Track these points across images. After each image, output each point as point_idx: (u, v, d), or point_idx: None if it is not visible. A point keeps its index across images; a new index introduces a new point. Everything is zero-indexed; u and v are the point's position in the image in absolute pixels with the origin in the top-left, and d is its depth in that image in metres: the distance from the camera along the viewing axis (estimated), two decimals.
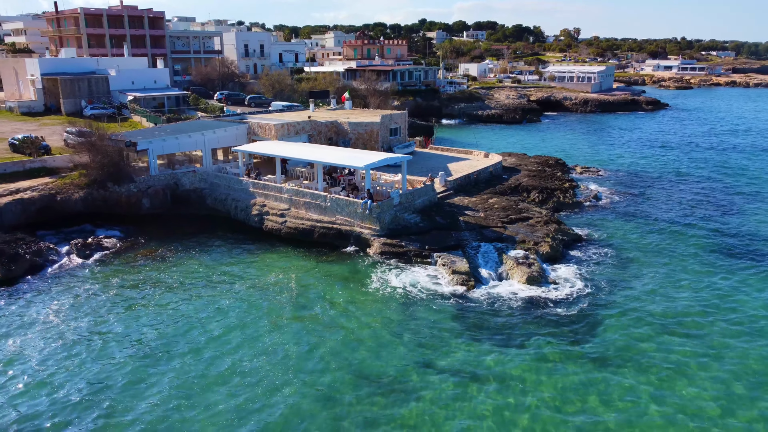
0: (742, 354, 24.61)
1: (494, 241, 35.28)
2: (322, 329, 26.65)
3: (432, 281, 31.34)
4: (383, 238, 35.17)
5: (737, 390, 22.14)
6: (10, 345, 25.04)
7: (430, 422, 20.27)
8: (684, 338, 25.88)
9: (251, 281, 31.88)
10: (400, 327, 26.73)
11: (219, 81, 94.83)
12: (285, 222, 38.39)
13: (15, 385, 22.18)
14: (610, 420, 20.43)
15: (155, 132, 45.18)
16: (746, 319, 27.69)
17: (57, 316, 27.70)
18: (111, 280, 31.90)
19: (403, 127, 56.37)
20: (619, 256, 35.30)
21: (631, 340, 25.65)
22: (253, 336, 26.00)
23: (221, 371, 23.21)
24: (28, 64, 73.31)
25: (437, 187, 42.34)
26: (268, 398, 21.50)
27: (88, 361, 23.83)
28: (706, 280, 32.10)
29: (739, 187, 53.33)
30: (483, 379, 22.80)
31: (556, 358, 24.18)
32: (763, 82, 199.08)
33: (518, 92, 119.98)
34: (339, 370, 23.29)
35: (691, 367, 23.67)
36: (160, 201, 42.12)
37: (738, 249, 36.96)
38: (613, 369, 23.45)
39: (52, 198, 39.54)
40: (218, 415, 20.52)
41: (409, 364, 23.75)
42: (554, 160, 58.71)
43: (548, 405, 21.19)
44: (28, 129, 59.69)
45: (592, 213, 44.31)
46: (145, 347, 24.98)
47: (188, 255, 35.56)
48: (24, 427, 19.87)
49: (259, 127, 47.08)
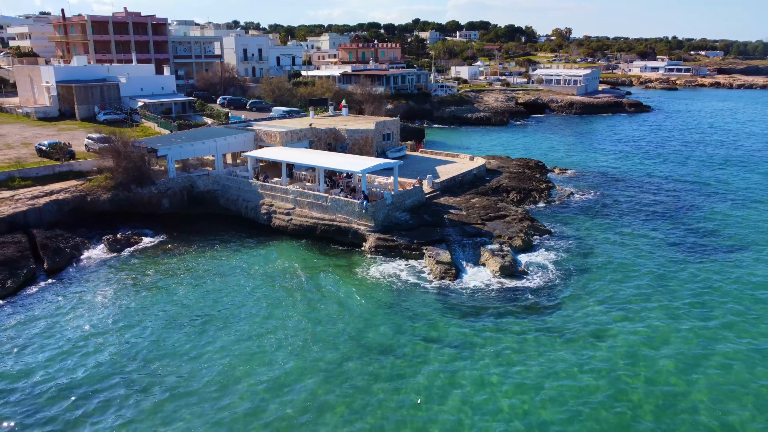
0: (672, 329, 29.90)
1: (474, 237, 40.54)
2: (325, 307, 31.80)
3: (419, 271, 36.54)
4: (377, 233, 40.32)
5: (665, 355, 27.42)
6: (72, 320, 30.05)
7: (415, 376, 25.43)
8: (628, 316, 31.15)
9: (263, 269, 37.00)
10: (391, 307, 31.90)
11: (221, 86, 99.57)
12: (291, 220, 43.49)
13: (81, 349, 27.19)
14: (566, 378, 25.65)
15: (172, 139, 50.15)
16: (682, 304, 33.00)
17: (104, 297, 32.80)
18: (141, 268, 36.94)
19: (395, 132, 61.52)
20: (582, 249, 40.60)
21: (585, 317, 30.89)
22: (266, 313, 31.11)
23: (249, 334, 28.31)
24: (43, 71, 77.92)
25: (425, 188, 47.55)
26: (283, 354, 26.63)
27: (143, 331, 28.88)
28: (654, 269, 37.40)
29: (700, 189, 58.75)
30: (460, 346, 27.97)
31: (519, 330, 29.39)
32: (745, 83, 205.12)
33: (506, 95, 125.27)
34: (341, 339, 28.43)
35: (629, 335, 28.96)
36: (178, 201, 47.17)
37: (688, 244, 42.32)
38: (567, 338, 28.68)
39: (83, 199, 44.48)
40: (252, 361, 25.59)
41: (398, 335, 28.90)
42: (534, 162, 63.94)
43: (513, 366, 26.39)
44: (47, 134, 64.48)
45: (563, 211, 49.61)
46: (184, 318, 30.04)
47: (207, 248, 40.62)
48: (98, 376, 24.91)
49: (265, 134, 52.16)
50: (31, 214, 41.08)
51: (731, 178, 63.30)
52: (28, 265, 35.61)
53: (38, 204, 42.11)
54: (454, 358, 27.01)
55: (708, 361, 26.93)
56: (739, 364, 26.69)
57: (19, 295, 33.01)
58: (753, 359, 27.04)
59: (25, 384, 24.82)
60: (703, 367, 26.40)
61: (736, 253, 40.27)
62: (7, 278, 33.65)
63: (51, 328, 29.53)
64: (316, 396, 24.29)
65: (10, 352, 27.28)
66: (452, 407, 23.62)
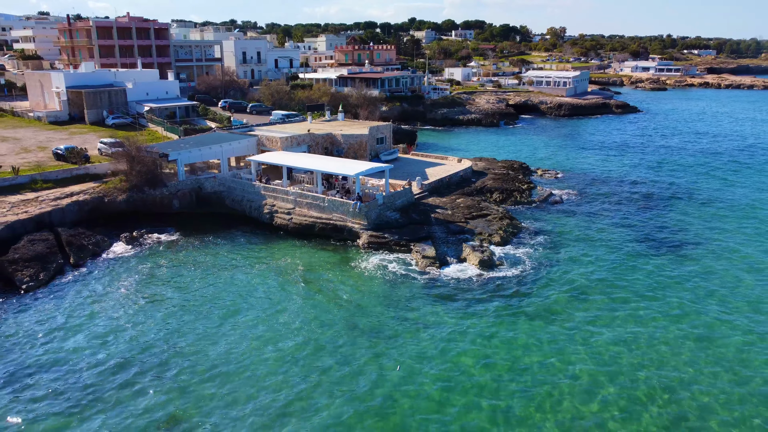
0: (636, 308, 34.24)
1: (457, 234, 44.81)
2: (322, 296, 36.03)
3: (407, 264, 40.79)
4: (370, 231, 44.54)
5: (626, 330, 31.73)
6: (100, 307, 34.21)
7: (402, 355, 29.67)
8: (587, 301, 35.47)
9: (267, 263, 41.21)
10: (382, 296, 36.15)
11: (222, 89, 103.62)
12: (291, 219, 47.69)
13: (113, 330, 31.38)
14: (536, 356, 29.92)
15: (181, 144, 54.26)
16: (634, 292, 37.35)
17: (126, 287, 36.98)
18: (157, 262, 41.10)
19: (388, 136, 65.72)
20: (554, 244, 44.90)
21: (550, 303, 35.19)
22: (271, 298, 35.31)
23: (258, 318, 32.51)
24: (53, 77, 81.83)
25: (414, 189, 51.79)
26: (288, 334, 30.84)
27: (163, 316, 33.07)
28: (618, 263, 41.72)
29: (675, 189, 63.10)
30: (442, 327, 32.24)
31: (491, 313, 33.66)
32: (733, 83, 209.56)
33: (498, 96, 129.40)
34: (338, 321, 32.66)
35: (597, 319, 33.26)
36: (187, 202, 51.33)
37: (654, 239, 46.66)
38: (537, 320, 32.97)
39: (100, 200, 48.59)
40: (262, 339, 29.79)
41: (387, 318, 33.14)
42: (519, 164, 68.28)
43: (489, 344, 30.66)
44: (60, 138, 68.49)
45: (542, 210, 53.91)
46: (198, 305, 34.22)
47: (215, 244, 44.80)
48: (128, 358, 29.09)
49: (267, 139, 56.32)
50: (55, 214, 45.18)
51: (701, 179, 67.67)
52: (56, 260, 39.75)
53: (61, 205, 46.21)
54: (432, 336, 31.27)
55: (639, 339, 31.28)
56: (671, 342, 31.06)
57: (50, 286, 37.16)
58: (688, 339, 31.41)
59: (69, 358, 29.00)
60: (636, 343, 30.74)
61: (693, 249, 44.63)
62: (40, 271, 37.78)
63: (83, 313, 33.69)
64: (317, 364, 28.51)
65: (53, 333, 31.44)
66: (429, 374, 27.89)
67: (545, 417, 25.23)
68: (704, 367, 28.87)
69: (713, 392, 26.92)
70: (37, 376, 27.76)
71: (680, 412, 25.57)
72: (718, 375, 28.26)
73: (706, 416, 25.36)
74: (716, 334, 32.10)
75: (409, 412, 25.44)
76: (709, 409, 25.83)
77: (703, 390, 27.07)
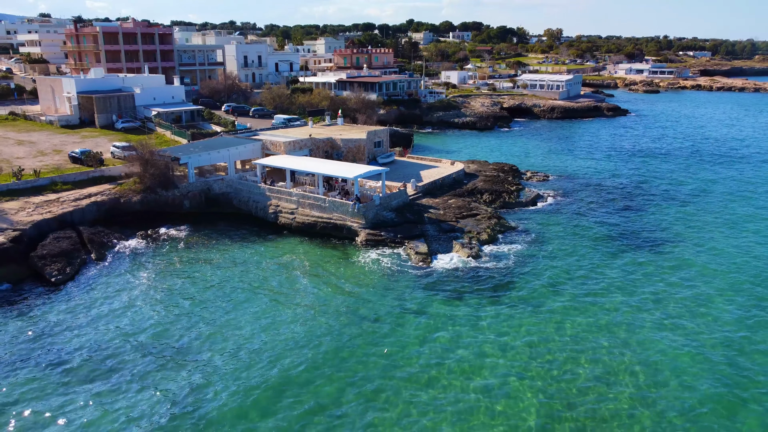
0: (607, 298, 37.97)
1: (448, 232, 48.50)
2: (324, 287, 39.69)
3: (402, 259, 44.48)
4: (368, 230, 48.21)
5: (602, 319, 35.45)
6: (124, 296, 37.87)
7: (397, 340, 33.34)
8: (564, 292, 39.19)
9: (273, 259, 44.88)
10: (379, 287, 39.82)
11: (225, 93, 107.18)
12: (294, 218, 51.34)
13: (137, 315, 35.00)
14: (512, 339, 33.61)
15: (191, 148, 57.90)
16: (609, 285, 41.10)
17: (145, 279, 40.66)
18: (171, 258, 44.74)
19: (385, 140, 69.41)
20: (538, 241, 48.62)
21: (529, 294, 38.89)
22: (280, 290, 38.98)
23: (266, 308, 36.15)
24: (65, 83, 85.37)
25: (409, 191, 55.48)
26: (294, 321, 34.51)
27: (180, 304, 36.69)
28: (596, 259, 45.43)
29: (655, 190, 66.85)
30: (433, 315, 35.92)
31: (478, 303, 37.34)
32: (724, 85, 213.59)
33: (492, 100, 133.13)
34: (339, 310, 36.33)
35: (571, 307, 36.97)
36: (197, 202, 54.97)
37: (632, 237, 50.39)
38: (518, 307, 36.66)
39: (117, 200, 52.20)
40: (270, 328, 33.42)
41: (383, 307, 36.81)
42: (509, 166, 71.97)
43: (474, 328, 34.35)
44: (73, 141, 72.09)
45: (528, 210, 57.63)
46: (210, 296, 37.85)
47: (223, 241, 48.45)
48: (148, 341, 32.72)
49: (271, 143, 59.99)
50: (76, 213, 48.79)
51: (682, 180, 71.44)
52: (80, 255, 43.39)
53: (81, 205, 49.82)
54: (422, 322, 34.95)
55: (605, 322, 35.02)
56: (632, 330, 34.81)
57: (77, 279, 40.80)
58: (651, 329, 35.16)
59: (104, 339, 32.66)
60: (602, 325, 34.48)
61: (667, 246, 48.39)
62: (66, 266, 41.41)
63: (111, 302, 37.34)
64: (320, 346, 32.18)
65: (88, 319, 35.08)
66: (419, 354, 31.58)
67: (520, 386, 28.96)
68: (655, 343, 32.64)
69: (665, 361, 30.69)
70: (80, 354, 31.38)
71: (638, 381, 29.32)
72: (673, 349, 32.05)
73: (660, 383, 29.10)
74: (683, 321, 35.86)
75: (401, 384, 29.15)
76: (657, 370, 29.58)
77: (657, 359, 30.83)
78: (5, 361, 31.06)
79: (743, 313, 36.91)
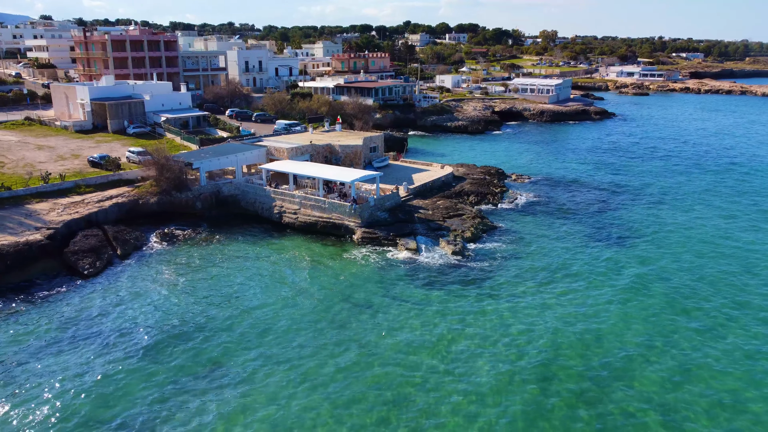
0: (575, 286, 43.45)
1: (436, 230, 53.94)
2: (325, 278, 45.10)
3: (393, 255, 49.90)
4: (363, 228, 53.60)
5: (569, 310, 40.91)
6: (150, 287, 43.22)
7: (387, 324, 38.75)
8: (540, 284, 44.65)
9: (278, 254, 50.25)
10: (373, 278, 45.24)
11: (228, 98, 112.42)
12: (297, 218, 56.72)
13: (164, 305, 40.35)
14: (491, 317, 39.04)
15: (202, 154, 63.24)
16: (576, 275, 46.59)
17: (167, 273, 46.01)
18: (188, 253, 50.10)
19: (380, 145, 74.83)
20: (517, 238, 54.08)
21: (507, 285, 44.35)
22: (286, 280, 44.37)
23: (272, 297, 41.53)
24: (78, 90, 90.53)
25: (401, 193, 60.91)
26: (297, 307, 39.89)
27: (199, 293, 42.06)
28: (569, 256, 50.90)
29: (631, 191, 72.39)
30: (420, 302, 41.35)
31: (457, 292, 42.78)
32: (712, 88, 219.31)
33: (485, 104, 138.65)
34: (337, 297, 41.74)
35: (534, 298, 42.43)
36: (208, 203, 60.32)
37: (603, 235, 55.88)
38: (495, 294, 42.10)
39: (136, 202, 57.49)
40: (277, 313, 38.79)
41: (375, 295, 42.23)
42: (495, 169, 77.37)
43: (454, 316, 39.77)
44: (89, 146, 77.29)
45: (510, 211, 63.11)
46: (225, 286, 43.22)
47: (234, 238, 53.82)
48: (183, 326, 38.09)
49: (275, 149, 65.37)
50: (101, 213, 54.07)
51: (656, 182, 77.03)
52: (107, 251, 48.72)
53: (104, 206, 55.11)
54: (410, 308, 40.40)
55: (573, 306, 40.52)
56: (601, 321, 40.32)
57: (106, 272, 46.16)
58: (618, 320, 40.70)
59: (136, 323, 38.03)
60: (579, 320, 40.00)
61: (635, 241, 53.92)
62: (96, 260, 46.75)
63: (140, 292, 42.74)
64: (318, 327, 37.60)
65: (122, 306, 40.43)
66: (407, 337, 37.02)
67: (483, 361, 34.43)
68: (612, 325, 38.16)
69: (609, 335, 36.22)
70: (115, 336, 36.74)
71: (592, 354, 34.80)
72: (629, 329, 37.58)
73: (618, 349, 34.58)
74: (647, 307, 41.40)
75: (390, 359, 34.60)
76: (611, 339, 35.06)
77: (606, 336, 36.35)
78: (79, 336, 36.43)
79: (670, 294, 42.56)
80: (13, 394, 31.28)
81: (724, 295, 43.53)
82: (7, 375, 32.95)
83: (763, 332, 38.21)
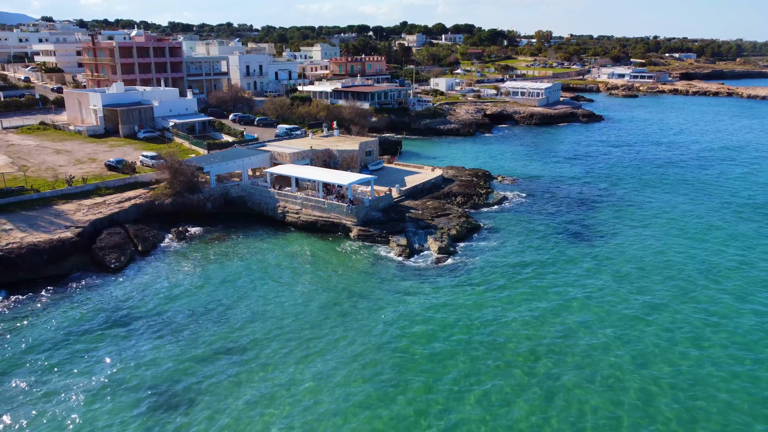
0: (550, 280, 49.24)
1: (425, 229, 59.73)
2: (323, 273, 50.83)
3: (386, 250, 55.65)
4: (359, 227, 59.32)
5: (541, 305, 46.66)
6: (171, 280, 48.90)
7: (381, 310, 44.49)
8: (518, 278, 50.43)
9: (282, 250, 55.98)
10: (367, 272, 50.99)
11: (231, 102, 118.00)
12: (299, 217, 62.42)
13: (183, 295, 46.05)
14: (473, 309, 44.80)
15: (212, 159, 68.90)
16: (552, 271, 52.42)
17: (185, 266, 51.70)
18: (201, 250, 55.79)
19: (375, 149, 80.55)
20: (500, 237, 59.86)
21: (489, 279, 50.12)
22: (289, 274, 50.10)
23: (278, 289, 47.23)
24: (91, 97, 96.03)
25: (394, 194, 66.67)
26: (300, 298, 45.61)
27: (215, 285, 47.73)
28: (547, 249, 56.69)
29: (609, 193, 78.24)
30: (412, 293, 47.10)
31: (443, 285, 48.52)
32: (700, 90, 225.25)
33: (477, 107, 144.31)
34: (335, 289, 47.47)
35: (512, 292, 48.19)
36: (217, 204, 66.01)
37: (585, 235, 61.67)
38: (477, 287, 47.86)
39: (152, 203, 63.13)
40: (281, 304, 44.46)
41: (371, 287, 47.98)
42: (482, 171, 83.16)
43: (439, 307, 45.53)
44: (103, 150, 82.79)
45: (494, 211, 68.91)
46: (236, 278, 48.90)
47: (241, 236, 59.51)
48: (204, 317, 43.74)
49: (278, 154, 71.08)
50: (121, 213, 59.71)
51: (635, 184, 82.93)
52: (129, 248, 54.38)
53: (124, 207, 60.75)
54: (402, 299, 46.18)
55: (546, 311, 46.33)
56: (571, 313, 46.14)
57: (130, 267, 51.85)
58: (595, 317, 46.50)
59: (166, 309, 43.71)
60: (545, 303, 45.80)
61: (611, 239, 59.75)
62: (121, 255, 52.41)
63: (163, 284, 48.46)
64: (320, 315, 43.35)
65: (149, 296, 46.12)
66: (399, 324, 42.78)
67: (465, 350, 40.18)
68: (585, 318, 43.97)
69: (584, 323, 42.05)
70: (146, 321, 42.47)
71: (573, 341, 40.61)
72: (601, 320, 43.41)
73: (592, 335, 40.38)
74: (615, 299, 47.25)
75: (383, 339, 40.39)
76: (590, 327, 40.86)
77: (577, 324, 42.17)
78: (119, 321, 42.14)
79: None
80: (75, 369, 36.99)
81: (678, 285, 49.46)
82: (71, 351, 38.63)
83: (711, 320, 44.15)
